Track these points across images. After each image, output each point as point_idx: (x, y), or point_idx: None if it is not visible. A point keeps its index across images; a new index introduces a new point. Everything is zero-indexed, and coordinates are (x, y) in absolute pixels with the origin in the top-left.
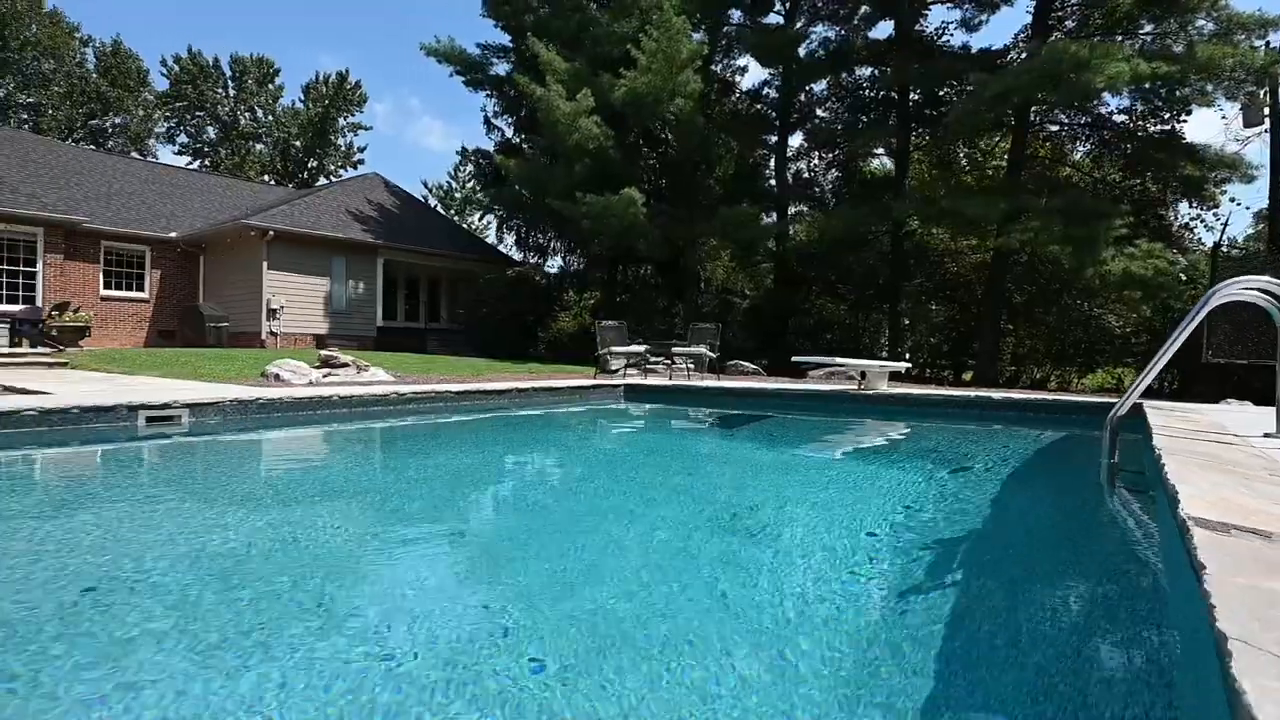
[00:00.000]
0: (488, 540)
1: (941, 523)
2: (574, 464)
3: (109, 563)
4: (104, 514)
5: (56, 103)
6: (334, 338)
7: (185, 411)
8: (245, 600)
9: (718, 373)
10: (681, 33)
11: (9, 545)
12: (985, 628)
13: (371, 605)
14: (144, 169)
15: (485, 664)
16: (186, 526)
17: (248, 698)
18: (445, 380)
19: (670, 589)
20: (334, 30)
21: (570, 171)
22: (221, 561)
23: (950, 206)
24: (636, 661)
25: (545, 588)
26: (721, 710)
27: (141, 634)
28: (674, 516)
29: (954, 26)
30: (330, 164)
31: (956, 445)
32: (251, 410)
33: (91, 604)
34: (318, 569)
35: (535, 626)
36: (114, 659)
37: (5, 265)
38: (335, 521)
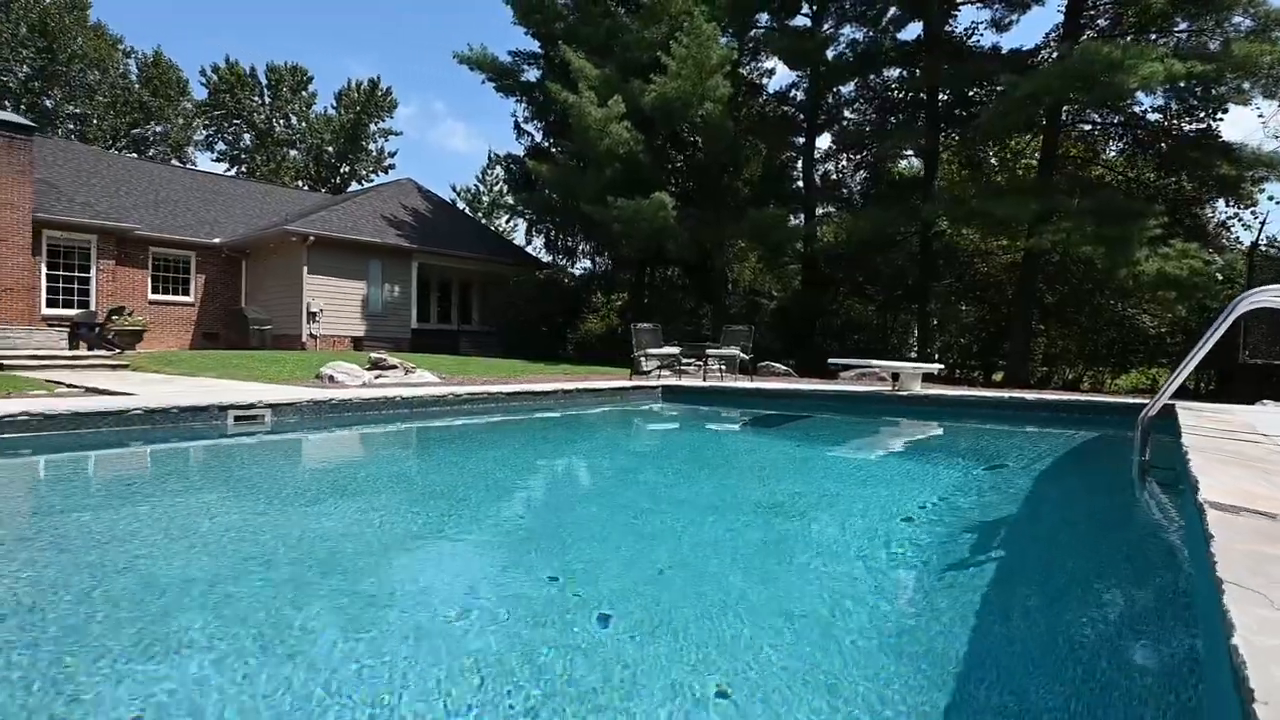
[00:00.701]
0: (556, 524)
1: (981, 510)
2: (626, 458)
3: (265, 532)
4: (244, 497)
5: (101, 112)
6: (371, 339)
7: (268, 411)
8: (374, 563)
9: (750, 374)
10: (711, 39)
11: (190, 524)
12: (1021, 590)
13: (464, 574)
14: (188, 177)
15: (564, 619)
16: (318, 510)
17: (393, 627)
18: (493, 381)
19: (724, 563)
20: (360, 35)
21: (601, 176)
22: (350, 538)
23: (980, 207)
24: (698, 618)
25: (610, 562)
26: (770, 658)
27: (321, 585)
28: (723, 504)
29: (984, 26)
30: (362, 169)
31: (992, 444)
32: (325, 410)
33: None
34: (414, 546)
35: (603, 593)
36: (317, 598)
37: (62, 271)
38: (424, 508)
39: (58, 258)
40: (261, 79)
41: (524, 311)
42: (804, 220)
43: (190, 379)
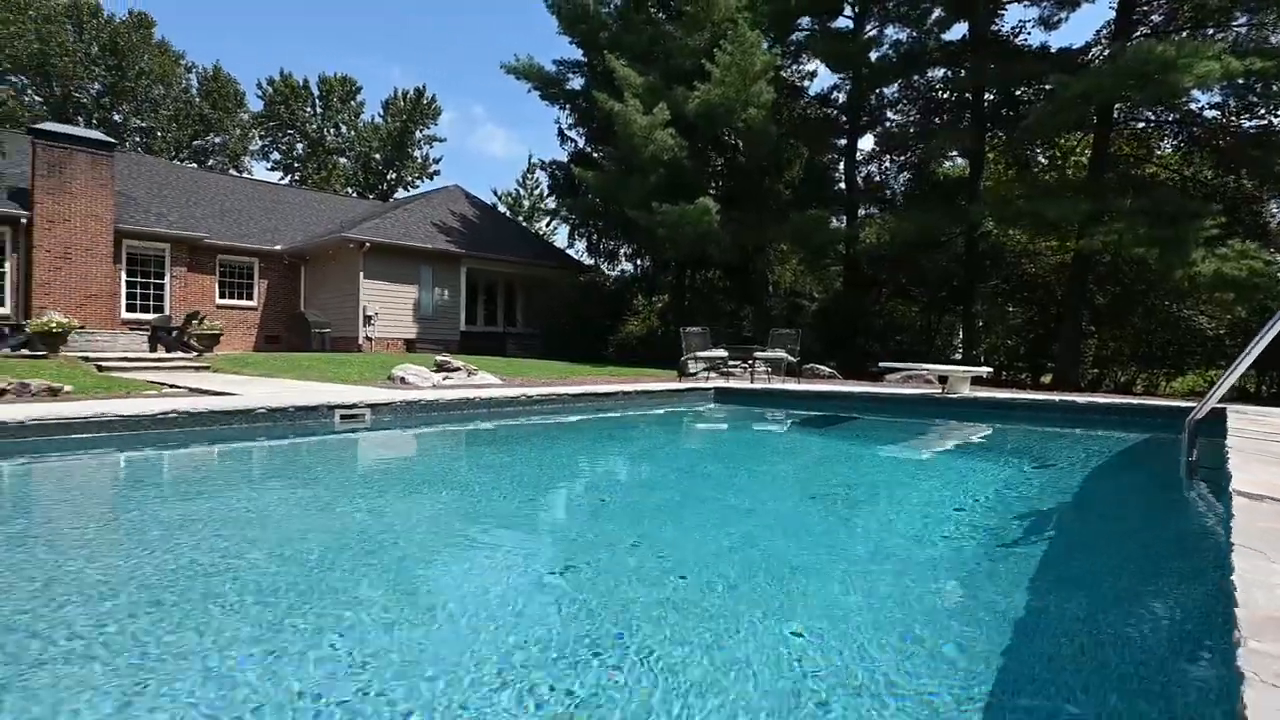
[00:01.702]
0: (635, 506)
1: (1028, 502)
2: (691, 453)
3: (403, 508)
4: (383, 482)
5: (165, 125)
6: (423, 341)
7: (368, 411)
8: (498, 533)
9: (797, 376)
10: (755, 46)
11: (343, 499)
12: (1073, 566)
13: (562, 542)
14: (249, 186)
15: (650, 578)
16: (437, 491)
17: (514, 576)
18: (550, 383)
19: (790, 540)
20: (401, 43)
21: (645, 181)
22: (467, 513)
23: (1029, 208)
24: (771, 580)
25: (687, 539)
26: (835, 608)
27: (448, 547)
28: (783, 493)
29: (1031, 24)
30: (408, 175)
31: (1041, 445)
32: (415, 410)
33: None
34: (517, 522)
35: (683, 559)
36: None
37: (139, 278)
38: (520, 492)
39: (135, 265)
40: (314, 90)
41: (566, 314)
42: (846, 222)
43: (273, 380)
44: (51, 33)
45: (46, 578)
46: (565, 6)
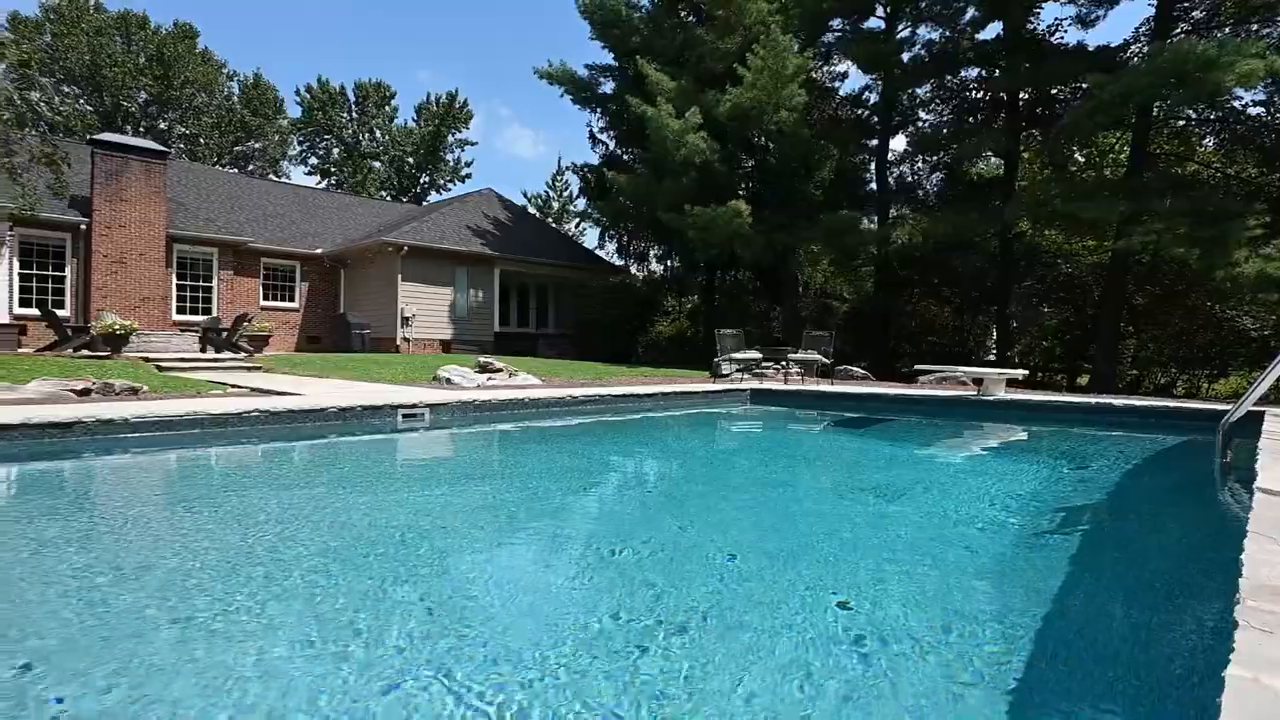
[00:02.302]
0: (682, 495)
1: (1062, 498)
2: (733, 450)
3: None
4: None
5: (208, 132)
6: (458, 342)
7: (427, 410)
8: (553, 512)
9: (830, 378)
10: (787, 50)
11: (427, 484)
12: (1107, 554)
13: (617, 524)
14: (290, 192)
15: (702, 556)
16: (502, 480)
17: (574, 552)
18: (589, 384)
19: (831, 527)
20: (428, 45)
21: (677, 185)
22: (532, 498)
23: (1065, 209)
24: (815, 561)
25: (735, 524)
26: (877, 584)
27: (519, 527)
28: (823, 487)
29: (1068, 23)
30: (440, 179)
31: (1077, 446)
32: (470, 409)
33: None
34: (577, 506)
35: (729, 541)
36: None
37: (188, 281)
38: (576, 482)
39: (185, 269)
40: (350, 96)
41: (597, 315)
42: (878, 223)
43: (325, 380)
44: (102, 44)
45: (231, 546)
46: (598, 12)
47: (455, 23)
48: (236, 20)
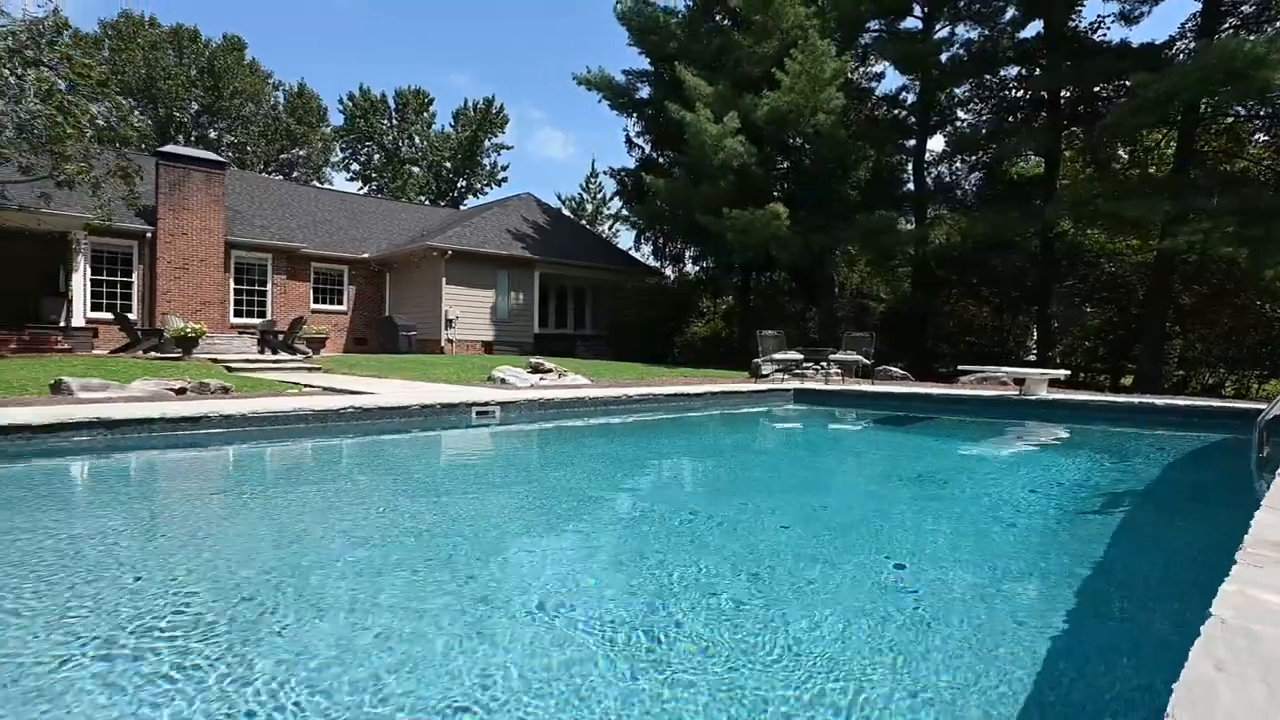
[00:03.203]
0: (742, 481)
1: (1099, 489)
2: (783, 444)
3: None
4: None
5: (255, 140)
6: (499, 343)
7: (498, 408)
8: (643, 508)
9: (870, 378)
10: (825, 54)
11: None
12: (1144, 533)
13: (686, 502)
14: (336, 198)
15: (765, 529)
16: (576, 468)
17: (655, 524)
18: (635, 384)
19: (883, 507)
20: (462, 50)
21: (715, 188)
22: (610, 481)
23: (1108, 208)
24: (869, 533)
25: (789, 506)
26: (928, 550)
27: (593, 502)
28: (869, 474)
29: (1111, 20)
30: (477, 182)
31: (1118, 443)
32: (535, 407)
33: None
34: (647, 486)
35: (787, 515)
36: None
37: (244, 285)
38: (642, 468)
39: (242, 274)
40: (391, 103)
41: (633, 316)
42: (915, 223)
43: (386, 380)
44: (157, 58)
45: (379, 521)
46: (636, 19)
47: (487, 26)
48: (280, 29)
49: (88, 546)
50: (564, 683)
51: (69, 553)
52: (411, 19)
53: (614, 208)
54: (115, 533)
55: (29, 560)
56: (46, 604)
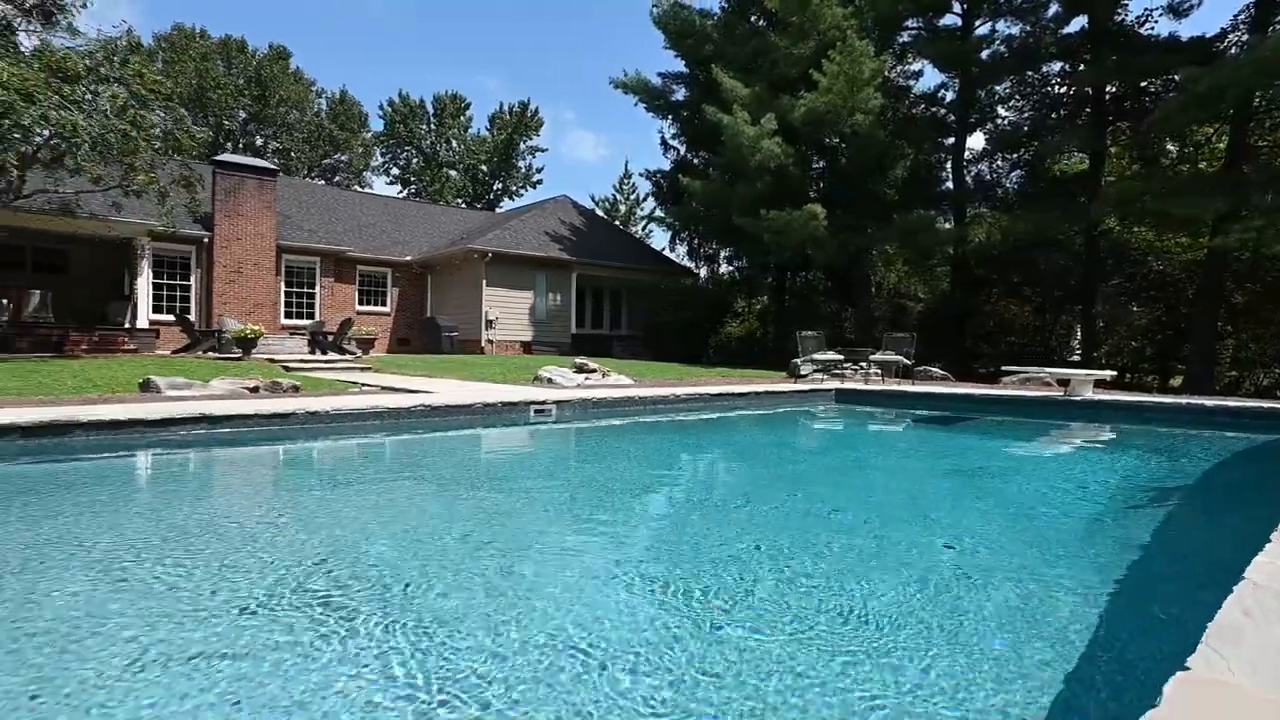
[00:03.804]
0: (793, 472)
1: (1141, 484)
2: (830, 440)
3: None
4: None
5: (299, 146)
6: (537, 344)
7: (554, 406)
8: (696, 499)
9: (910, 378)
10: (864, 54)
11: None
12: (1189, 525)
13: (743, 492)
14: (380, 202)
15: (819, 515)
16: (642, 459)
17: (713, 509)
18: (678, 384)
19: (932, 496)
20: (494, 51)
21: (752, 189)
22: (689, 482)
23: (1155, 206)
24: (920, 522)
25: (839, 494)
26: (978, 532)
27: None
28: (918, 468)
29: (1159, 13)
30: (512, 185)
31: (1165, 444)
32: (589, 405)
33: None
34: (726, 478)
35: (837, 502)
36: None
37: (294, 288)
38: (706, 460)
39: (291, 276)
40: (429, 109)
41: (669, 317)
42: (954, 222)
43: (438, 380)
44: (207, 69)
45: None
46: (673, 23)
47: (514, 28)
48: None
49: (260, 525)
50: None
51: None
52: (442, 22)
53: (648, 208)
54: (272, 513)
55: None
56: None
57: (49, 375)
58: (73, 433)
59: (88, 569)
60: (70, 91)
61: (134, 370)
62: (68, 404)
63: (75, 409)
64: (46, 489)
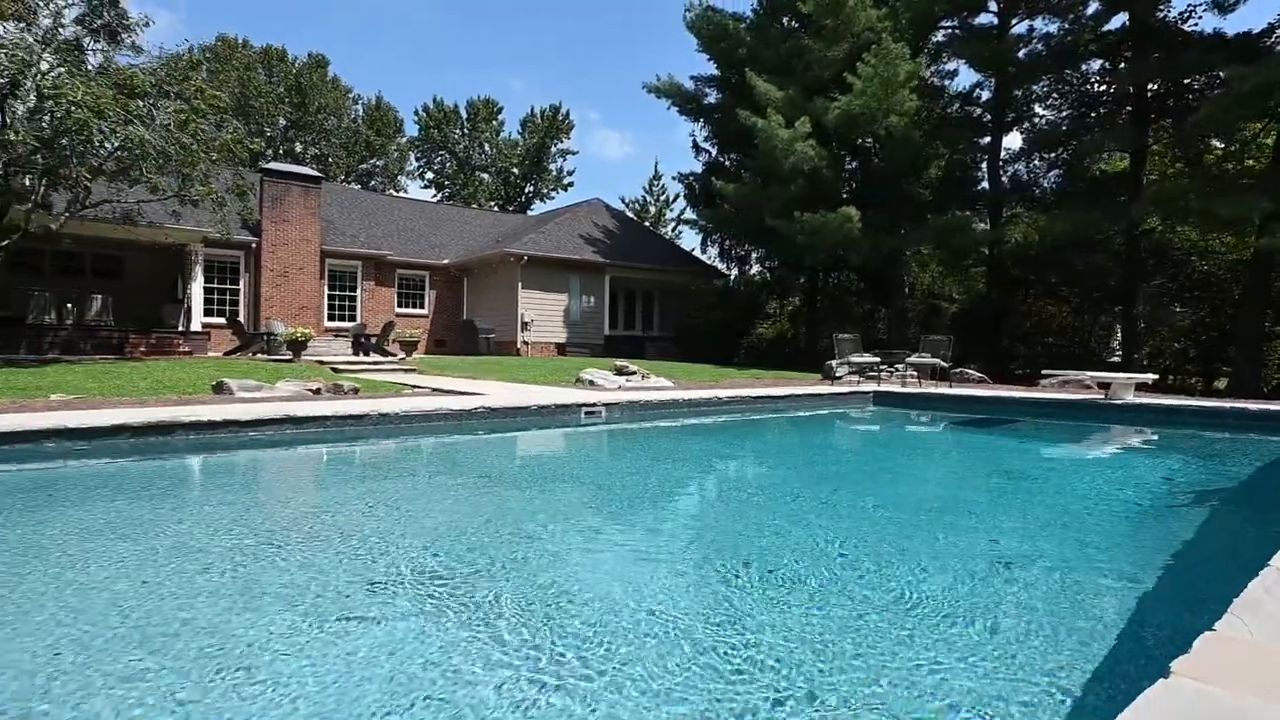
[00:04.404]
0: (836, 471)
1: (1185, 484)
2: (872, 440)
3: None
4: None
5: (336, 152)
6: (571, 345)
7: (604, 408)
8: (747, 492)
9: (947, 381)
10: (899, 57)
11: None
12: (1226, 523)
13: (792, 491)
14: (417, 207)
15: (863, 511)
16: (697, 458)
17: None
18: (716, 386)
19: (972, 492)
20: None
21: (786, 192)
22: (737, 475)
23: (1200, 206)
24: (961, 514)
25: (886, 489)
26: (1019, 521)
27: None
28: (956, 467)
29: (1203, 8)
30: (544, 187)
31: (1206, 446)
32: (636, 408)
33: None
34: (763, 488)
35: (880, 497)
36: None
37: (337, 291)
38: (753, 458)
39: (334, 280)
40: (462, 113)
41: (701, 318)
42: (989, 223)
43: (482, 381)
44: (250, 78)
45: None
46: (706, 27)
47: (545, 26)
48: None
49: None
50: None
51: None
52: (469, 24)
53: (677, 209)
54: (393, 501)
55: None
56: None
57: (121, 377)
58: (175, 432)
59: (243, 550)
60: (135, 107)
61: (198, 372)
62: (152, 405)
63: (175, 409)
64: (165, 484)
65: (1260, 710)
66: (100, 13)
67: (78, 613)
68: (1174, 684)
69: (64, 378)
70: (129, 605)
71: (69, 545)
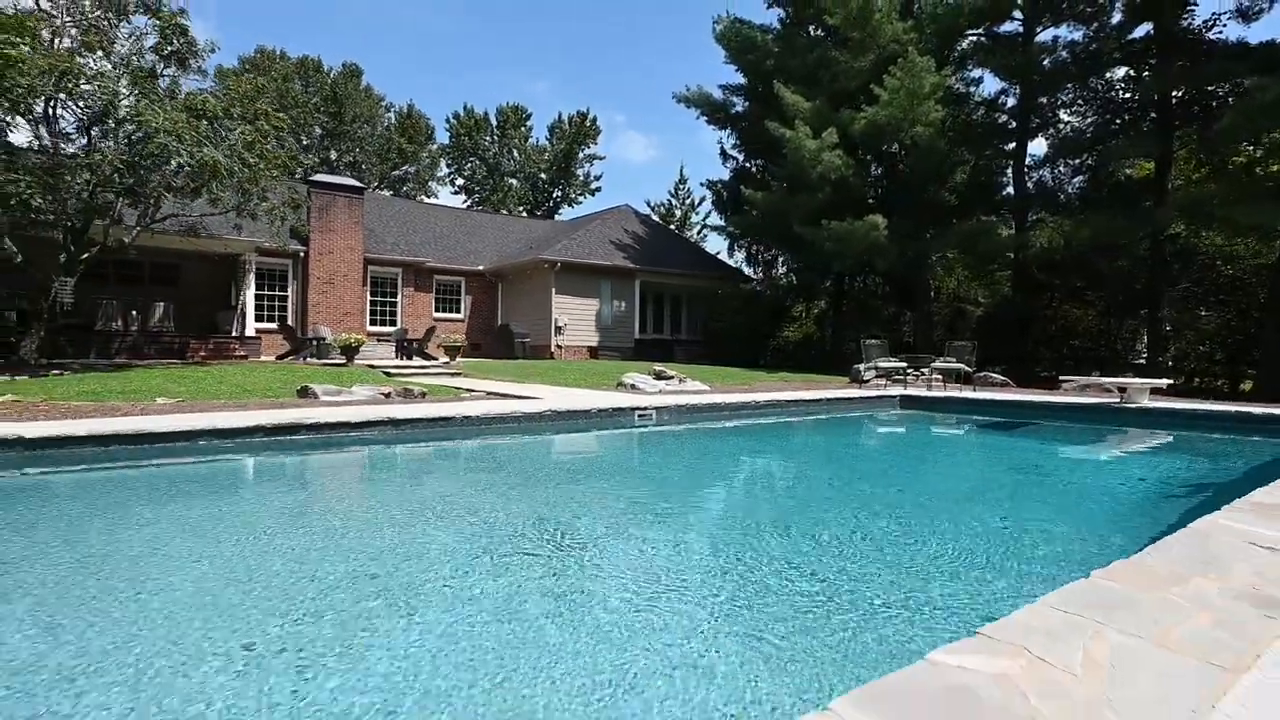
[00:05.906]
0: (863, 471)
1: (1188, 481)
2: (904, 441)
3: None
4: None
5: (369, 160)
6: (603, 349)
7: (654, 411)
8: (790, 489)
9: (972, 384)
10: (925, 69)
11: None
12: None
13: (833, 483)
14: (452, 214)
15: (890, 500)
16: (752, 457)
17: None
18: (750, 389)
19: (998, 486)
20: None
21: (813, 200)
22: (784, 478)
23: (1224, 213)
24: (983, 503)
25: (916, 485)
26: (1032, 511)
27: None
28: (977, 463)
29: (1227, 17)
30: (572, 193)
31: (1218, 448)
32: (683, 410)
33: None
34: (808, 478)
35: (923, 491)
36: None
37: (378, 297)
38: (802, 458)
39: (376, 287)
40: (492, 121)
41: (730, 322)
42: (1014, 228)
43: (528, 385)
44: (287, 88)
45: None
46: (735, 39)
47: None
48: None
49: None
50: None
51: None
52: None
53: (703, 213)
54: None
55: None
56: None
57: (199, 381)
58: (299, 432)
59: (393, 525)
60: (204, 128)
61: (269, 377)
62: (252, 408)
63: (291, 413)
64: (310, 474)
65: (1136, 596)
66: (170, 40)
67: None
68: (1090, 581)
69: (149, 382)
70: (391, 545)
71: (310, 515)
